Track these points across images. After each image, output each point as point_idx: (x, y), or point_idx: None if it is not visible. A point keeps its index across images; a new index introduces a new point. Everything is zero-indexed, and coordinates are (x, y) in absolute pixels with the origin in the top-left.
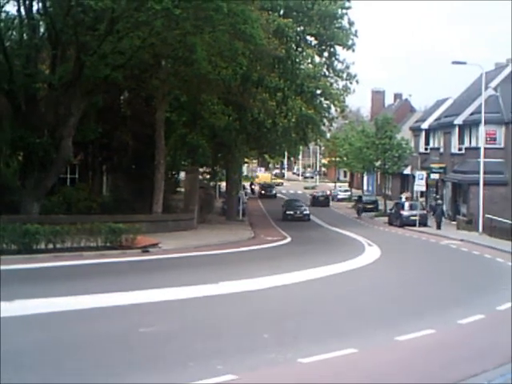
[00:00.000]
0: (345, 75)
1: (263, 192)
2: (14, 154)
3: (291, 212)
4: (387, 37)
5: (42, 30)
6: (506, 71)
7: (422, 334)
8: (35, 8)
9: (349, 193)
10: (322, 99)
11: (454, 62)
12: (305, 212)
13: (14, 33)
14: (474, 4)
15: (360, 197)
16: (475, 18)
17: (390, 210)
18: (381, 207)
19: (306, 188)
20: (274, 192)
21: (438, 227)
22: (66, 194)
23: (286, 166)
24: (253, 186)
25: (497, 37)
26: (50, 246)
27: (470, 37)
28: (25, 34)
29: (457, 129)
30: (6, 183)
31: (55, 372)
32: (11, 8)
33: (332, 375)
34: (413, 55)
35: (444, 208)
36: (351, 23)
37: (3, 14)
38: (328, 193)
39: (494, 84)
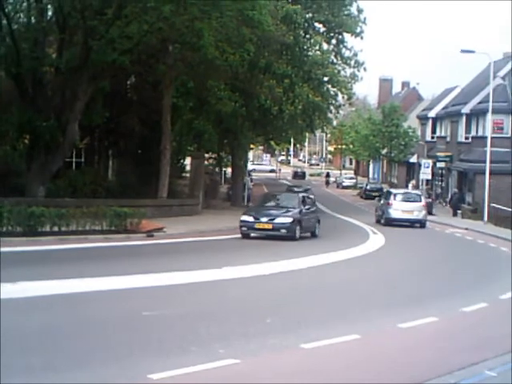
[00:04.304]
0: (352, 63)
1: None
2: (20, 137)
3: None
4: (396, 25)
5: (49, 13)
6: None
7: (425, 321)
8: None
9: (354, 180)
10: (330, 86)
11: (463, 51)
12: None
13: (22, 16)
14: None
15: (328, 173)
16: (484, 7)
17: None
18: None
19: (311, 175)
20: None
21: (454, 214)
22: (71, 178)
23: (292, 153)
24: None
25: (506, 26)
26: (55, 228)
27: (478, 25)
28: (32, 18)
29: (464, 118)
30: (13, 166)
31: (57, 354)
32: None
33: (334, 361)
34: (421, 43)
35: (466, 197)
36: (360, 10)
37: None
38: (304, 170)
39: (502, 73)
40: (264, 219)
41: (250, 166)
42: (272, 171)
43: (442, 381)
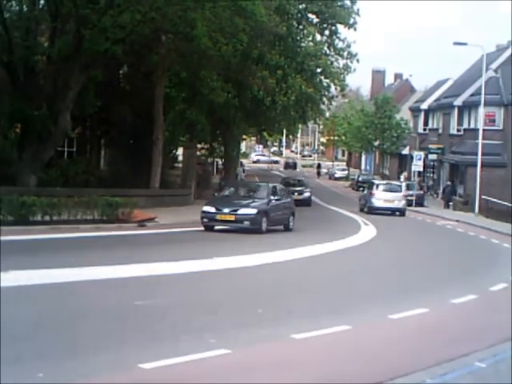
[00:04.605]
0: (345, 54)
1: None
2: (12, 126)
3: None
4: (389, 16)
5: (41, 1)
6: (507, 53)
7: (415, 312)
8: None
9: (346, 172)
10: (322, 78)
11: (456, 43)
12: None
13: (14, 4)
14: None
15: (319, 164)
16: None
17: None
18: None
19: (303, 166)
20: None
21: (446, 206)
22: (63, 167)
23: (284, 144)
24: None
25: (498, 18)
26: (47, 218)
27: (472, 17)
28: (24, 6)
29: (456, 110)
30: (4, 155)
31: (48, 343)
32: None
33: (325, 351)
34: (414, 35)
35: (458, 189)
36: (353, 1)
37: None
38: (295, 161)
39: (494, 66)
40: (226, 210)
41: (254, 157)
42: (275, 162)
43: (432, 372)
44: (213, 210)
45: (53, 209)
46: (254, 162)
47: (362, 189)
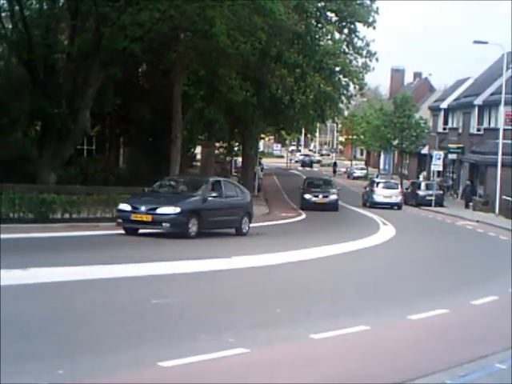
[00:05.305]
0: (364, 52)
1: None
2: (32, 123)
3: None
4: (408, 14)
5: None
6: None
7: (435, 313)
8: None
9: (365, 171)
10: (341, 76)
11: (476, 42)
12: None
13: (34, 2)
14: None
15: (335, 162)
16: None
17: (406, 189)
18: None
19: (322, 165)
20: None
21: (466, 206)
22: (82, 165)
23: (302, 143)
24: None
25: None
26: (66, 215)
27: (492, 16)
28: (44, 4)
29: (476, 109)
30: (24, 153)
31: (66, 340)
32: None
33: (344, 351)
34: (434, 34)
35: (478, 190)
36: (372, 0)
37: None
38: (312, 158)
39: None
40: (143, 208)
41: (299, 157)
42: (311, 163)
43: (452, 373)
44: (128, 208)
45: (72, 206)
46: (297, 162)
47: (365, 186)
